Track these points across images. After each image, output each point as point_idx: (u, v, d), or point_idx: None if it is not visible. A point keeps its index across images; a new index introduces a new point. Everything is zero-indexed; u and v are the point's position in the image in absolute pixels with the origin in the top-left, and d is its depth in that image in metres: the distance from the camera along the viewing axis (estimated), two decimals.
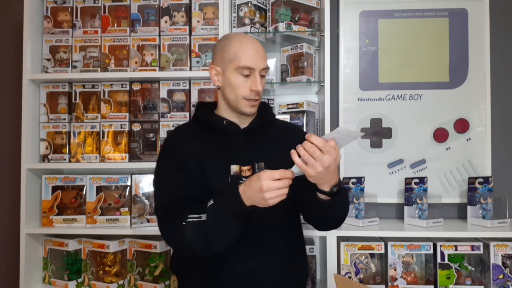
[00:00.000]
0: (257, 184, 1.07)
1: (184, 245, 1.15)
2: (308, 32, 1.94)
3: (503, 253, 1.81)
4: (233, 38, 1.27)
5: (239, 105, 1.25)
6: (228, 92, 1.25)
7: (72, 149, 1.99)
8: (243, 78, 1.23)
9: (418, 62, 2.11)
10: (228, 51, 1.24)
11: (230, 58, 1.23)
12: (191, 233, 1.13)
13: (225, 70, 1.25)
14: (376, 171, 2.10)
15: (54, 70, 1.99)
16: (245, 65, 1.22)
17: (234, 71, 1.23)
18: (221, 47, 1.27)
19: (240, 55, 1.22)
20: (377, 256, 1.93)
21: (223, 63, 1.25)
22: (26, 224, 1.91)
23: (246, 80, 1.23)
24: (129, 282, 1.95)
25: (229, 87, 1.25)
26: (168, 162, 1.26)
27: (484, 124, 2.07)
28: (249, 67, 1.22)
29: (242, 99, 1.24)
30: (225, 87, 1.26)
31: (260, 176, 1.08)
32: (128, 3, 2.00)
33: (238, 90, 1.24)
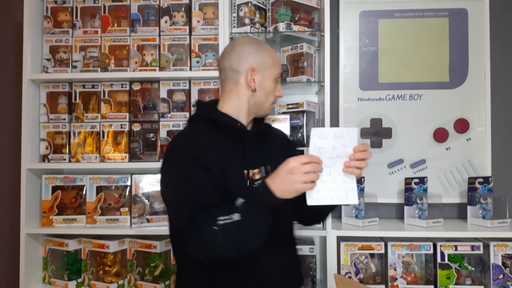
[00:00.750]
0: (286, 169, 1.09)
1: (219, 251, 1.11)
2: (308, 32, 1.94)
3: (503, 253, 1.81)
4: (266, 45, 1.32)
5: (266, 109, 1.32)
6: (261, 96, 1.29)
7: (72, 149, 1.99)
8: (275, 85, 1.31)
9: (418, 62, 2.11)
10: (267, 57, 1.29)
11: (270, 64, 1.28)
12: (225, 235, 1.08)
13: (263, 74, 1.28)
14: (376, 171, 2.10)
15: (54, 70, 2.00)
16: (280, 72, 1.32)
17: (272, 77, 1.29)
18: (258, 50, 1.29)
19: (277, 63, 1.31)
20: (377, 256, 1.93)
21: (262, 67, 1.28)
22: (26, 224, 1.91)
23: (275, 86, 1.31)
24: (129, 282, 1.95)
25: (263, 91, 1.28)
26: (189, 166, 1.18)
27: (484, 124, 2.07)
28: (282, 74, 1.34)
29: (270, 104, 1.32)
30: (260, 90, 1.28)
31: (288, 161, 1.10)
32: (128, 3, 2.00)
33: (270, 96, 1.30)
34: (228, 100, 1.30)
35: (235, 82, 1.28)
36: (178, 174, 1.19)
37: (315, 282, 1.89)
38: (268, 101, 1.31)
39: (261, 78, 1.28)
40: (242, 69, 1.27)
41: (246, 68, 1.27)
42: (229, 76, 1.29)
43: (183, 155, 1.21)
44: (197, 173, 1.17)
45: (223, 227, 1.07)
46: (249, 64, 1.27)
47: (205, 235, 1.09)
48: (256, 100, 1.29)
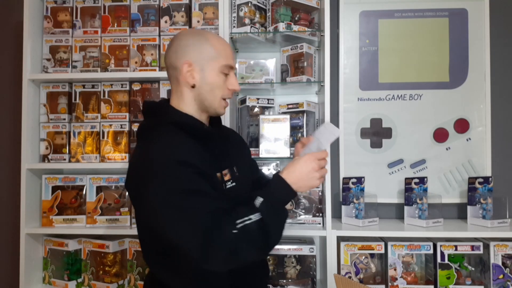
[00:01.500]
0: (308, 166, 1.13)
1: (241, 254, 1.03)
2: (308, 32, 1.94)
3: (503, 253, 1.81)
4: (208, 35, 1.20)
5: (216, 106, 1.20)
6: (206, 91, 1.18)
7: (72, 149, 1.99)
8: (224, 77, 1.19)
9: (418, 62, 2.11)
10: (208, 48, 1.17)
11: (211, 55, 1.16)
12: (247, 237, 1.02)
13: (204, 68, 1.17)
14: (376, 171, 2.10)
15: (54, 70, 1.99)
16: (228, 64, 1.18)
17: (216, 70, 1.17)
18: (195, 43, 1.17)
19: (223, 54, 1.18)
20: (377, 256, 1.93)
21: (201, 60, 1.16)
22: (26, 224, 1.91)
23: (225, 79, 1.19)
24: (129, 282, 1.95)
25: (208, 86, 1.17)
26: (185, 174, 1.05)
27: (484, 124, 2.07)
28: (230, 65, 1.19)
29: (220, 100, 1.20)
30: (202, 86, 1.18)
31: (307, 159, 1.14)
32: (128, 3, 2.00)
33: (218, 90, 1.18)
34: (176, 100, 1.21)
35: (176, 80, 1.19)
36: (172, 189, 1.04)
37: (315, 282, 1.89)
38: (215, 96, 1.19)
39: (201, 72, 1.17)
40: (179, 65, 1.17)
41: (182, 63, 1.16)
42: (171, 74, 1.21)
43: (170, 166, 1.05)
44: (192, 180, 1.05)
45: (244, 229, 1.02)
46: (185, 58, 1.16)
47: (225, 242, 1.00)
48: (201, 97, 1.18)
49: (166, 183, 1.04)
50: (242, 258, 1.04)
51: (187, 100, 1.20)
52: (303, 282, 1.89)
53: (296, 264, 1.91)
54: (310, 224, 1.88)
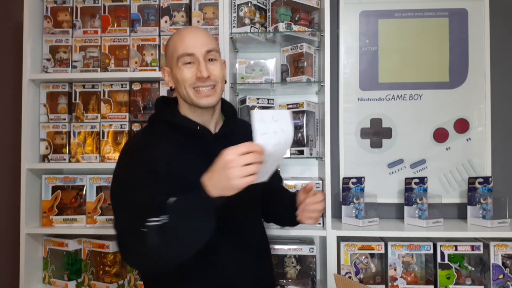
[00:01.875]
0: (221, 163, 0.94)
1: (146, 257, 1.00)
2: (308, 32, 1.94)
3: (503, 253, 1.81)
4: (174, 35, 1.21)
5: (192, 98, 1.15)
6: (179, 88, 1.18)
7: (72, 149, 1.99)
8: (187, 68, 1.14)
9: (418, 62, 2.11)
10: (170, 47, 1.19)
11: (171, 53, 1.17)
12: (153, 239, 0.96)
13: (172, 68, 1.19)
14: (376, 171, 2.10)
15: (54, 70, 1.99)
16: (183, 53, 1.14)
17: (177, 65, 1.15)
18: (166, 48, 1.22)
19: (178, 45, 1.15)
20: (377, 256, 1.93)
21: (169, 62, 1.19)
22: (26, 224, 1.91)
23: (190, 68, 1.15)
24: (129, 282, 1.95)
25: (177, 82, 1.17)
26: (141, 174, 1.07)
27: (484, 124, 2.07)
28: (187, 53, 1.14)
29: (190, 89, 1.15)
30: (176, 85, 1.19)
31: (225, 152, 0.95)
32: (128, 3, 2.00)
33: (184, 83, 1.15)
34: (179, 101, 1.25)
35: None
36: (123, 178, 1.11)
37: (315, 282, 1.89)
38: (188, 89, 1.15)
39: (172, 73, 1.20)
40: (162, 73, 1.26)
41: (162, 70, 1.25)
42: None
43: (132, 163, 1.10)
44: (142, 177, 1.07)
45: (151, 229, 0.96)
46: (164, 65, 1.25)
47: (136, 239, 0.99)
48: (181, 96, 1.19)
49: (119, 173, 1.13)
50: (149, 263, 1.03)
51: (180, 102, 1.23)
52: (303, 282, 1.89)
53: (296, 264, 1.91)
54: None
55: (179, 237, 0.98)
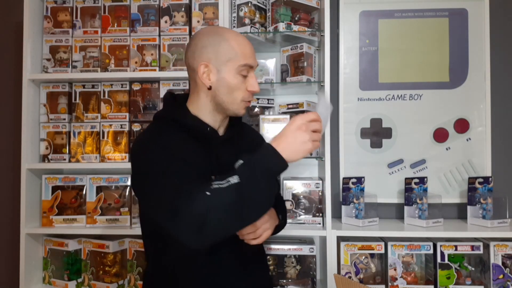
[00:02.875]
0: (295, 126, 1.00)
1: (212, 222, 0.94)
2: (308, 32, 1.94)
3: (503, 253, 1.81)
4: (228, 34, 1.15)
5: (235, 108, 1.16)
6: (223, 93, 1.14)
7: (72, 149, 1.99)
8: (242, 79, 1.14)
9: (418, 62, 2.11)
10: (227, 48, 1.12)
11: (229, 56, 1.12)
12: (221, 202, 0.94)
13: (221, 69, 1.13)
14: (376, 171, 2.10)
15: (54, 70, 1.99)
16: (246, 63, 1.13)
17: (233, 71, 1.13)
18: (213, 43, 1.13)
19: (241, 53, 1.13)
20: (377, 256, 1.93)
21: (218, 61, 1.13)
22: (26, 224, 1.91)
23: (244, 80, 1.15)
24: (129, 282, 1.95)
25: (225, 88, 1.13)
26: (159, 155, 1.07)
27: (484, 124, 2.07)
28: (250, 65, 1.14)
29: (240, 102, 1.15)
30: (219, 88, 1.14)
31: (296, 118, 1.01)
32: (128, 3, 2.00)
33: (237, 92, 1.14)
34: (192, 100, 1.20)
35: (194, 80, 1.17)
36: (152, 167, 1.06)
37: (315, 282, 1.89)
38: (235, 98, 1.14)
39: (218, 74, 1.13)
40: (196, 66, 1.14)
41: (198, 65, 1.13)
42: (190, 75, 1.19)
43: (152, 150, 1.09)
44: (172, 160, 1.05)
45: (217, 191, 0.94)
46: (201, 59, 1.13)
47: (197, 203, 0.94)
48: (218, 99, 1.15)
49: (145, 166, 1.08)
50: (213, 225, 0.95)
51: (202, 101, 1.17)
52: (303, 282, 1.89)
53: (296, 264, 1.91)
54: (310, 224, 1.88)
55: (250, 198, 0.96)
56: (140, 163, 1.10)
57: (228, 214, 0.95)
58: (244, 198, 0.95)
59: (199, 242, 0.98)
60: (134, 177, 1.12)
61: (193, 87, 1.19)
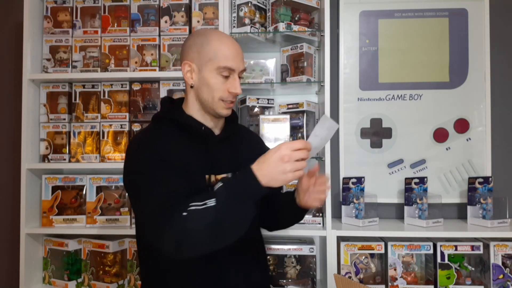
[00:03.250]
0: (277, 155, 1.00)
1: (187, 241, 0.98)
2: (308, 32, 1.94)
3: (503, 253, 1.81)
4: (212, 36, 1.18)
5: (215, 107, 1.18)
6: (204, 92, 1.18)
7: (72, 149, 1.99)
8: (222, 79, 1.16)
9: (418, 62, 2.11)
10: (207, 49, 1.16)
11: (209, 57, 1.15)
12: (196, 223, 0.97)
13: (202, 68, 1.17)
14: (376, 171, 2.10)
15: (54, 70, 1.99)
16: (226, 66, 1.15)
17: (213, 71, 1.16)
18: (197, 43, 1.18)
19: (221, 55, 1.15)
20: (377, 256, 1.93)
21: (200, 60, 1.17)
22: (26, 224, 1.91)
23: (224, 81, 1.17)
24: (129, 282, 1.95)
25: (205, 87, 1.17)
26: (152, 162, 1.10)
27: (484, 124, 2.07)
28: (230, 68, 1.16)
29: (218, 101, 1.18)
30: (200, 86, 1.18)
31: (281, 147, 1.01)
32: (128, 3, 2.00)
33: (215, 92, 1.17)
34: (185, 100, 1.25)
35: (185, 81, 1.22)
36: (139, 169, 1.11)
37: (315, 282, 1.89)
38: (213, 98, 1.17)
39: (199, 73, 1.17)
40: (182, 65, 1.20)
41: (183, 63, 1.20)
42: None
43: (145, 153, 1.12)
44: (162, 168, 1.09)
45: (194, 213, 0.97)
46: (186, 58, 1.19)
47: (174, 223, 0.98)
48: (201, 98, 1.19)
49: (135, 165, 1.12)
50: (190, 248, 1.00)
51: (190, 100, 1.23)
52: (303, 282, 1.89)
53: (296, 264, 1.91)
54: (310, 224, 1.88)
55: (225, 221, 0.99)
56: (133, 164, 1.14)
57: (203, 236, 0.99)
58: (219, 221, 0.98)
59: (178, 256, 1.02)
60: (125, 174, 1.16)
61: (186, 88, 1.25)
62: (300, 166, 1.02)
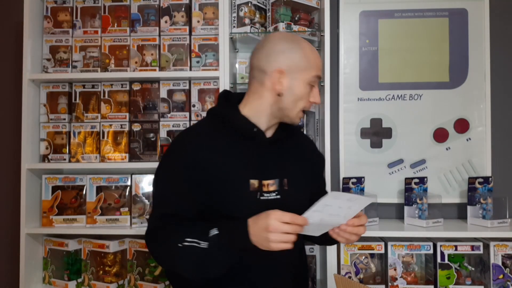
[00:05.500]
0: (264, 222, 1.01)
1: (176, 267, 1.12)
2: (308, 32, 1.94)
3: (503, 253, 1.81)
4: (303, 43, 1.18)
5: (294, 116, 1.18)
6: (287, 101, 1.16)
7: (72, 149, 1.99)
8: (309, 89, 1.17)
9: (418, 62, 2.10)
10: (301, 57, 1.15)
11: (303, 66, 1.15)
12: (187, 257, 1.07)
13: (294, 76, 1.15)
14: (376, 171, 2.10)
15: (54, 70, 1.99)
16: (317, 75, 1.18)
17: (305, 80, 1.15)
18: (289, 50, 1.15)
19: (314, 64, 1.16)
20: (377, 256, 1.93)
21: (293, 68, 1.15)
22: (26, 224, 1.91)
23: (309, 91, 1.18)
24: (129, 282, 1.95)
25: (291, 96, 1.15)
26: (177, 165, 1.15)
27: (484, 124, 2.07)
28: (319, 76, 1.19)
29: (299, 111, 1.18)
30: (287, 95, 1.16)
31: (270, 215, 1.02)
32: (128, 3, 2.00)
33: (300, 101, 1.16)
34: (250, 101, 1.21)
35: (260, 83, 1.17)
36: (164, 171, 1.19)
37: (315, 282, 1.89)
38: (297, 107, 1.17)
39: (291, 81, 1.15)
40: (268, 69, 1.15)
41: (273, 69, 1.15)
42: (255, 76, 1.19)
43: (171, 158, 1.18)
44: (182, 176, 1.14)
45: (188, 249, 1.05)
46: (277, 65, 1.14)
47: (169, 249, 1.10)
48: (281, 106, 1.17)
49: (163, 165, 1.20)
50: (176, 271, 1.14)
51: (264, 104, 1.19)
52: None
53: None
54: None
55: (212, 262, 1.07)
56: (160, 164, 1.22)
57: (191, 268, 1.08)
58: (205, 262, 1.06)
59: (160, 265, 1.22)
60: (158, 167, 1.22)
61: (255, 88, 1.20)
62: (286, 238, 1.01)
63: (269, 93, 1.17)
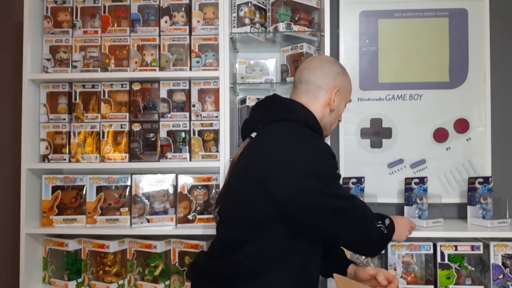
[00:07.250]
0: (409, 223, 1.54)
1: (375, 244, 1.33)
2: (308, 32, 1.94)
3: (503, 253, 1.81)
4: (345, 70, 1.43)
5: (330, 131, 1.42)
6: (333, 117, 1.38)
7: (72, 149, 1.99)
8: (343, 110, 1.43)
9: (418, 62, 2.11)
10: (349, 82, 1.42)
11: (349, 89, 1.42)
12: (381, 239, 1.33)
13: (341, 97, 1.38)
14: (376, 171, 2.10)
15: (54, 70, 1.99)
16: (350, 100, 1.47)
17: (346, 102, 1.43)
18: (343, 74, 1.40)
19: (351, 89, 1.45)
20: (377, 256, 1.93)
21: (343, 90, 1.38)
22: (26, 224, 1.91)
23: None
24: (129, 282, 1.95)
25: (336, 113, 1.39)
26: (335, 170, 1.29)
27: (484, 124, 2.07)
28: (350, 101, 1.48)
29: (332, 127, 1.41)
30: (334, 112, 1.37)
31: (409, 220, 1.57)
32: (128, 3, 2.00)
33: (337, 119, 1.42)
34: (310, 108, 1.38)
35: (315, 98, 1.35)
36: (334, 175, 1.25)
37: None
38: (335, 123, 1.42)
39: (339, 100, 1.37)
40: (327, 87, 1.35)
41: (331, 87, 1.35)
42: (311, 90, 1.35)
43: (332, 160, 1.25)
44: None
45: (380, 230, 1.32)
46: (336, 84, 1.35)
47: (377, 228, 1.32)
48: (328, 120, 1.37)
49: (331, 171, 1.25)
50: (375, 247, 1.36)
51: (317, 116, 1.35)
52: None
53: None
54: None
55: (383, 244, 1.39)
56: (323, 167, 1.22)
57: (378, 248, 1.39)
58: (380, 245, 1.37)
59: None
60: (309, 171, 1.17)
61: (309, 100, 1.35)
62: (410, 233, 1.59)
63: (322, 107, 1.35)
